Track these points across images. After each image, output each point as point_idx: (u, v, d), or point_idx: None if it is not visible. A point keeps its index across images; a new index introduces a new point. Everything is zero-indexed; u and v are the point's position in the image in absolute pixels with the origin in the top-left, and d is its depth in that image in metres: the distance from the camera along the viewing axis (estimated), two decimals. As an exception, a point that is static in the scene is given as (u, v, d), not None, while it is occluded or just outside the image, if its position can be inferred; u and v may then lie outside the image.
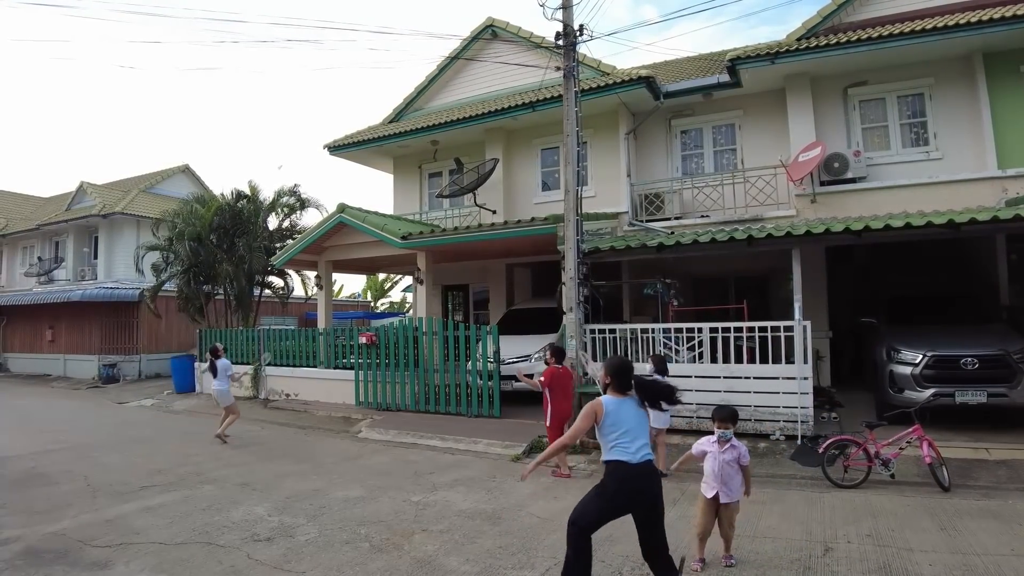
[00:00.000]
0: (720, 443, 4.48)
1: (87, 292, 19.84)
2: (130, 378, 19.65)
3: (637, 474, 3.63)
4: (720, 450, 4.47)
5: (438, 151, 15.31)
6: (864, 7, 11.25)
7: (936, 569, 4.38)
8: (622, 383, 3.82)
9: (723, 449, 4.46)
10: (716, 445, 4.50)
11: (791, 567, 4.50)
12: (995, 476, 6.54)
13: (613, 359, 4.36)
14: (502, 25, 14.55)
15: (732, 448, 4.46)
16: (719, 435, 4.50)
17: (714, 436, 4.55)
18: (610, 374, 3.89)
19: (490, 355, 10.50)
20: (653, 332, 9.28)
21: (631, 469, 3.63)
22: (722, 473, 4.44)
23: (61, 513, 6.16)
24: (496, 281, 14.96)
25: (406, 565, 4.73)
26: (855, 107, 11.48)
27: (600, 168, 13.19)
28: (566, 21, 9.26)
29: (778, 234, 8.43)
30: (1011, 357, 7.51)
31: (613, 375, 3.88)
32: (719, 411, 4.64)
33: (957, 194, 9.74)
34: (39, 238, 24.46)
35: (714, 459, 4.48)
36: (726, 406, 4.80)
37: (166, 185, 24.54)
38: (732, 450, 4.46)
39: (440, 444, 9.24)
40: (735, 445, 4.48)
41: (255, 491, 6.92)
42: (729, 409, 4.64)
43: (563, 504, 6.20)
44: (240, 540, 5.32)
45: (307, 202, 18.07)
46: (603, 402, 3.78)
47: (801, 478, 6.93)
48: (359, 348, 12.23)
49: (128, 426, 11.75)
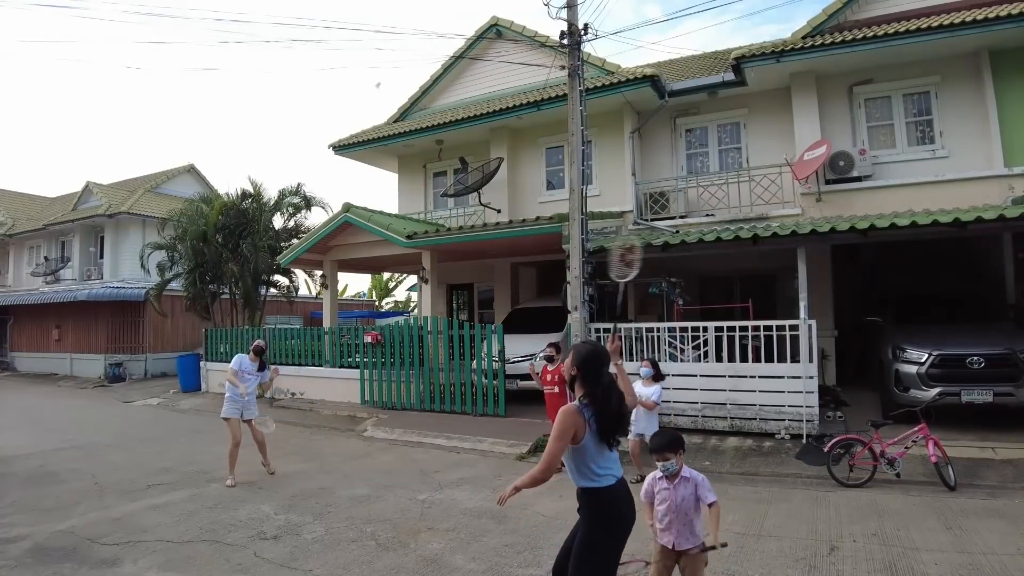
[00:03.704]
0: (668, 479, 3.43)
1: (93, 292, 19.94)
2: (136, 377, 19.74)
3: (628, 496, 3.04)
4: (671, 485, 3.41)
5: (443, 150, 15.34)
6: (870, 5, 11.20)
7: (942, 568, 4.37)
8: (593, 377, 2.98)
9: (674, 484, 3.41)
10: (663, 481, 3.45)
11: (796, 566, 4.50)
12: (1001, 475, 6.52)
13: (583, 345, 3.22)
14: (506, 24, 14.56)
15: (685, 482, 3.40)
16: (661, 469, 3.43)
17: (657, 471, 3.49)
18: (578, 365, 3.01)
19: (495, 354, 10.52)
20: (658, 331, 9.28)
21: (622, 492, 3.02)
22: (677, 514, 3.37)
23: (69, 511, 6.21)
24: (501, 280, 14.97)
25: (412, 563, 4.74)
26: (860, 105, 11.44)
27: (605, 167, 13.19)
28: (571, 20, 9.26)
29: (783, 233, 8.41)
30: (1018, 356, 7.49)
31: (582, 366, 3.01)
32: (655, 438, 3.58)
33: (963, 192, 9.69)
34: (45, 238, 24.58)
35: (665, 499, 3.42)
36: (666, 430, 3.81)
37: (172, 185, 24.65)
38: (685, 483, 3.40)
39: (445, 443, 9.26)
40: (688, 476, 3.41)
41: (261, 489, 6.95)
42: (668, 434, 3.53)
43: (568, 503, 6.16)
44: (247, 538, 5.35)
45: (312, 201, 18.13)
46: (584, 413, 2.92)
47: (806, 477, 6.92)
48: (364, 347, 12.27)
49: (135, 425, 11.82)
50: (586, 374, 2.99)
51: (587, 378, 2.99)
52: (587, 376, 2.99)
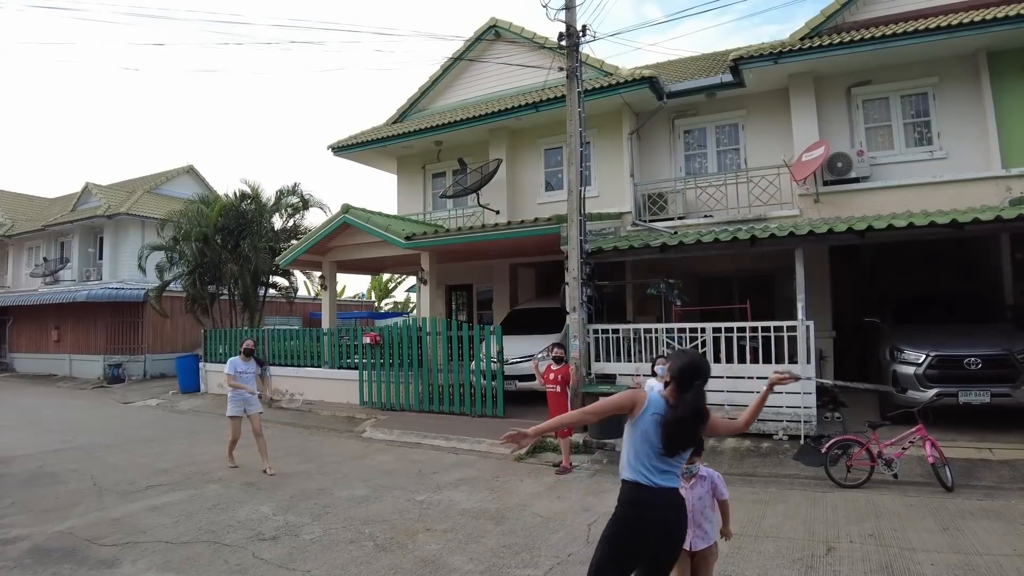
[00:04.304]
0: (685, 478, 3.39)
1: (92, 292, 19.94)
2: (135, 378, 19.74)
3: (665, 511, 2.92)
4: (688, 485, 3.39)
5: (442, 151, 15.36)
6: (867, 6, 11.22)
7: (938, 569, 4.39)
8: (684, 387, 2.92)
9: (691, 485, 3.41)
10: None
11: (793, 566, 4.52)
12: (998, 476, 6.53)
13: (684, 354, 3.23)
14: (505, 26, 14.58)
15: (701, 480, 3.44)
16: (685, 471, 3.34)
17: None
18: (675, 374, 2.96)
19: (494, 355, 10.53)
20: (657, 332, 9.30)
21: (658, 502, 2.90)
22: (693, 514, 3.33)
23: (68, 512, 6.22)
24: (500, 281, 14.98)
25: (410, 564, 4.75)
26: (859, 106, 11.46)
27: (604, 168, 13.21)
28: (569, 22, 9.28)
29: (781, 234, 8.43)
30: (1015, 357, 7.50)
31: (678, 375, 2.95)
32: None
33: (961, 194, 9.72)
34: (45, 239, 24.59)
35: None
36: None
37: (171, 186, 24.66)
38: (702, 483, 3.44)
39: (444, 444, 9.27)
40: (704, 475, 3.45)
41: (260, 490, 6.96)
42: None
43: (566, 504, 6.24)
44: (245, 539, 5.36)
45: (310, 202, 18.15)
46: (650, 396, 2.96)
47: (804, 478, 6.94)
48: (363, 348, 12.28)
49: (134, 426, 11.82)
50: (679, 383, 2.94)
51: (680, 386, 2.94)
52: (680, 385, 2.94)
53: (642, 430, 2.91)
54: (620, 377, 9.26)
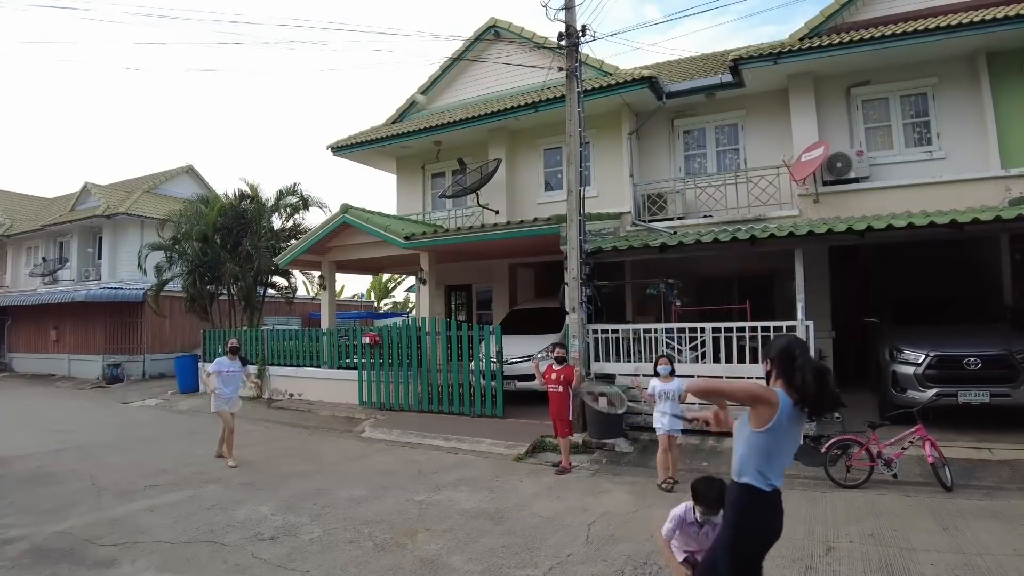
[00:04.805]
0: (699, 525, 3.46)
1: (91, 292, 19.91)
2: (134, 378, 19.72)
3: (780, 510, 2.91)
4: (700, 532, 3.47)
5: (441, 151, 15.34)
6: (867, 7, 11.23)
7: (938, 569, 4.39)
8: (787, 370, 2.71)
9: (703, 531, 3.45)
10: (693, 527, 3.50)
11: (793, 566, 4.51)
12: (998, 476, 6.54)
13: (782, 338, 2.99)
14: (505, 26, 14.57)
15: (713, 527, 3.37)
16: (702, 518, 3.41)
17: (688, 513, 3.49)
18: (773, 357, 2.79)
19: (493, 355, 10.53)
20: (656, 332, 9.30)
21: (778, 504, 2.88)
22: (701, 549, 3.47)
23: (67, 512, 6.21)
24: (499, 281, 14.97)
25: (409, 564, 4.75)
26: (858, 107, 11.46)
27: (603, 168, 13.21)
28: (569, 22, 9.28)
29: (781, 234, 8.43)
30: (1014, 357, 7.50)
31: (777, 359, 2.77)
32: (708, 491, 3.36)
33: (961, 194, 9.71)
34: (44, 238, 24.56)
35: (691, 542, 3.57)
36: (714, 481, 3.42)
37: (170, 186, 24.62)
38: (713, 528, 3.38)
39: (443, 444, 9.26)
40: (718, 521, 3.31)
41: (259, 490, 6.95)
42: (718, 486, 3.33)
43: (565, 504, 6.23)
44: (244, 539, 5.36)
45: (309, 201, 18.08)
46: (781, 398, 2.69)
47: (804, 478, 6.93)
48: (363, 348, 12.27)
49: (133, 426, 11.81)
50: (780, 366, 2.77)
51: (783, 369, 2.76)
52: (782, 367, 2.76)
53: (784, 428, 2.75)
54: (620, 377, 9.25)
